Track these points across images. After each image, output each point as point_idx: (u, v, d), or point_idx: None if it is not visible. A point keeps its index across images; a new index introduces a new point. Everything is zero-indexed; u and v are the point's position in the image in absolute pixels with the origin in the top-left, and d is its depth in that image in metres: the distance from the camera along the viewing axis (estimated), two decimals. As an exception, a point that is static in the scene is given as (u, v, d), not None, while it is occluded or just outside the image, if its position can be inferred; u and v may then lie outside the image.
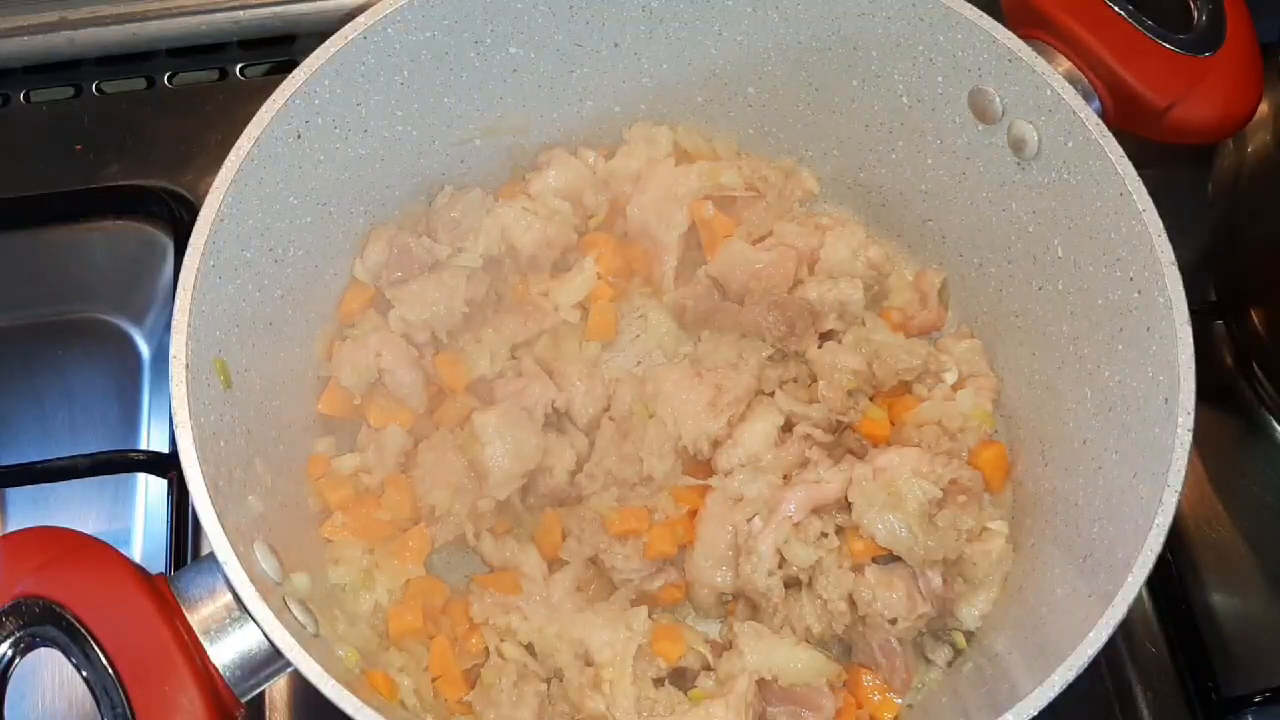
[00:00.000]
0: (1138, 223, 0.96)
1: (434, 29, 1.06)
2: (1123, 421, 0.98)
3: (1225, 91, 1.06)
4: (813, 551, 1.02)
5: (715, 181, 1.19)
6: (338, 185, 1.08)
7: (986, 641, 1.04)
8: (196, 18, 1.41)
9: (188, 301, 0.91)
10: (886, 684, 1.03)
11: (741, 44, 1.15)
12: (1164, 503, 0.88)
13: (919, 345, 1.14)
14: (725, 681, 1.00)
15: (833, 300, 1.14)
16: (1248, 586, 1.19)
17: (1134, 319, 0.97)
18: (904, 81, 1.11)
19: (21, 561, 0.85)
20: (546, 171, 1.18)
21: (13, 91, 1.41)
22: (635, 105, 1.21)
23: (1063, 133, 1.01)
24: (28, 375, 1.34)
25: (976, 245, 1.15)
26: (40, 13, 1.39)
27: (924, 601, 1.02)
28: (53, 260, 1.37)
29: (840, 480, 1.04)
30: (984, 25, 1.03)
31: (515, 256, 1.16)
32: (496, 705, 0.99)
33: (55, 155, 1.36)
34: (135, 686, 0.82)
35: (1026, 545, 1.06)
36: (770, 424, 1.09)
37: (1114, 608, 0.85)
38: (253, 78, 1.42)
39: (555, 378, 1.12)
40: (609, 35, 1.14)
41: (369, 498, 1.07)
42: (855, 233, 1.18)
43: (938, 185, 1.16)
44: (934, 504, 1.03)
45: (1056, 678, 0.83)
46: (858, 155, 1.20)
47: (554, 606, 1.04)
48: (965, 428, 1.10)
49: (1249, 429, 1.27)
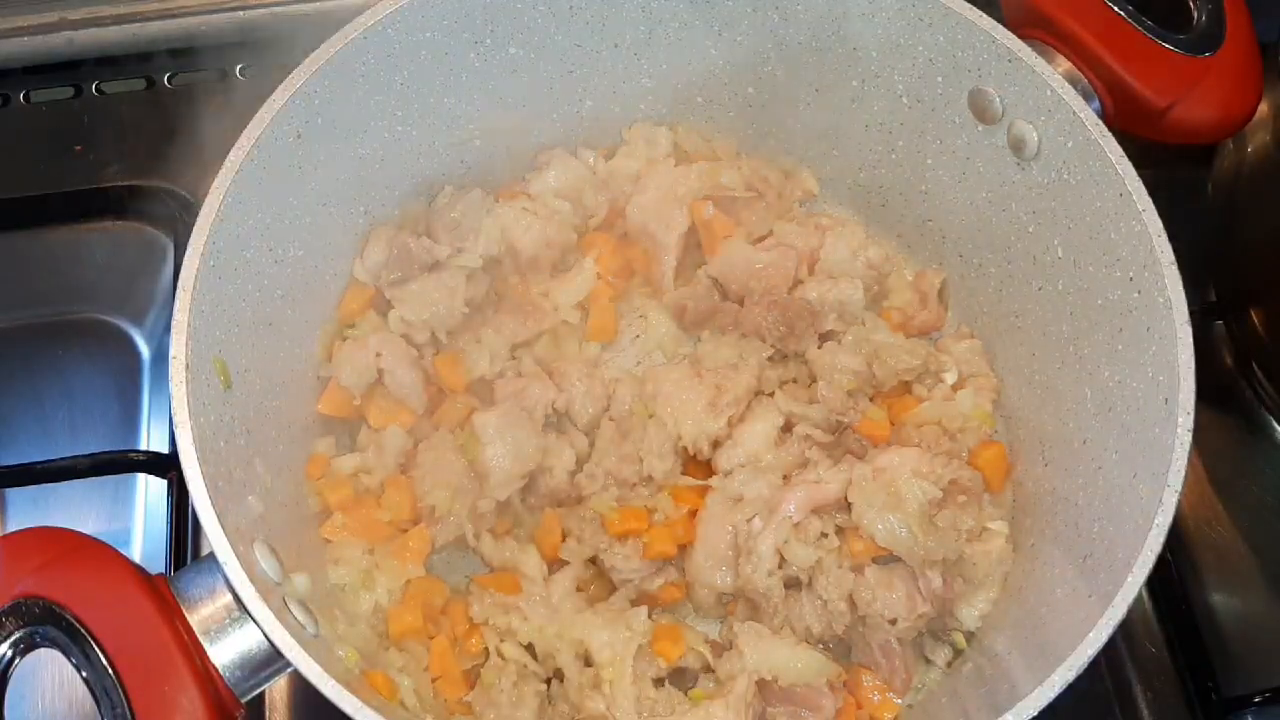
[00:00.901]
0: (1138, 223, 0.96)
1: (434, 29, 1.06)
2: (1123, 421, 0.98)
3: (1225, 91, 1.06)
4: (813, 552, 1.02)
5: (715, 181, 1.19)
6: (338, 185, 1.08)
7: (986, 641, 1.04)
8: (196, 18, 1.41)
9: (188, 301, 0.91)
10: (886, 684, 1.03)
11: (741, 44, 1.15)
12: (1164, 503, 0.88)
13: (919, 345, 1.14)
14: (725, 682, 1.00)
15: (833, 300, 1.14)
16: (1248, 586, 1.19)
17: (1134, 319, 0.97)
18: (904, 81, 1.12)
19: (21, 561, 0.85)
20: (546, 171, 1.19)
21: (13, 91, 1.41)
22: (635, 105, 1.21)
23: (1063, 133, 1.02)
24: (28, 375, 1.34)
25: (976, 245, 1.15)
26: (40, 13, 1.39)
27: (924, 601, 1.02)
28: (53, 260, 1.37)
29: (840, 480, 1.04)
30: (984, 25, 1.03)
31: (515, 256, 1.16)
32: (496, 705, 0.99)
33: (55, 155, 1.37)
34: (135, 687, 0.82)
35: (1026, 545, 1.06)
36: (770, 424, 1.09)
37: (1114, 608, 0.85)
38: (252, 78, 1.42)
39: (555, 378, 1.12)
40: (609, 36, 1.14)
41: (369, 498, 1.07)
42: (855, 233, 1.19)
43: (938, 185, 1.16)
44: (934, 504, 1.03)
45: (1056, 678, 0.83)
46: (858, 155, 1.20)
47: (554, 607, 1.03)
48: (965, 428, 1.10)
49: (1249, 429, 1.27)
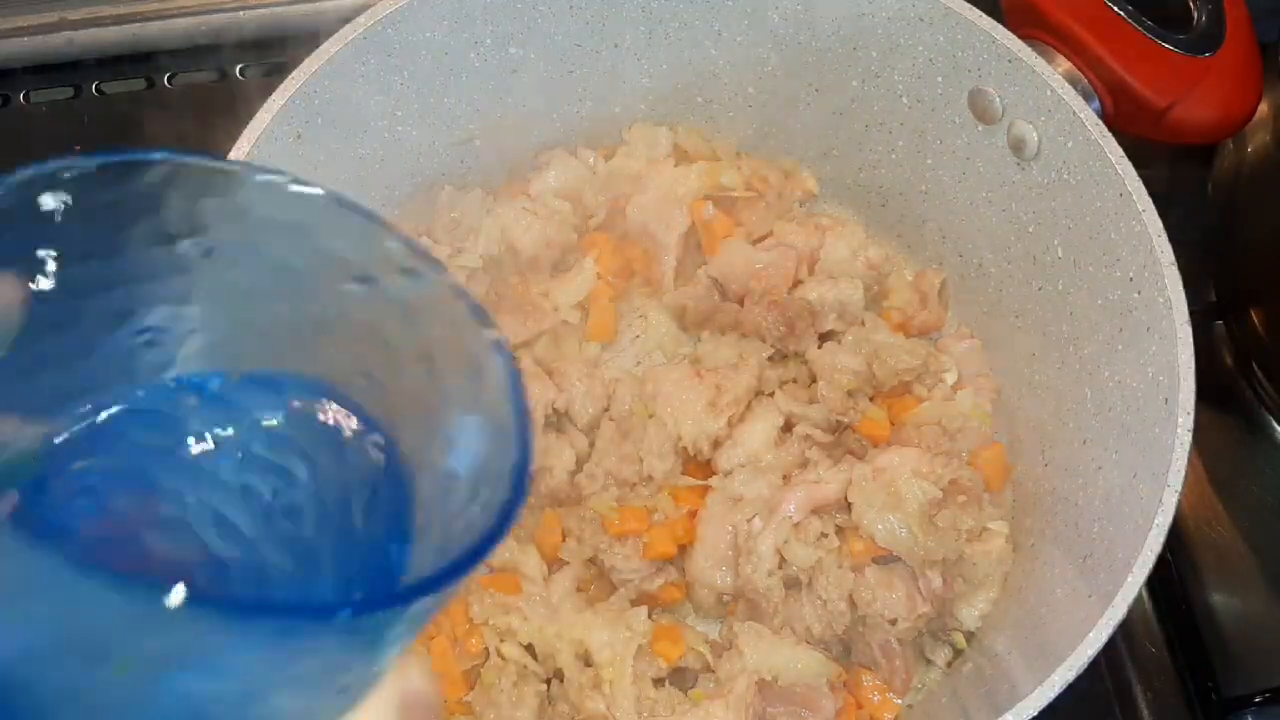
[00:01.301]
0: (1138, 223, 0.96)
1: (434, 29, 1.06)
2: (1123, 421, 0.98)
3: (1225, 91, 1.06)
4: (813, 552, 1.02)
5: (715, 182, 1.19)
6: (338, 185, 1.05)
7: (986, 641, 1.04)
8: (196, 18, 1.41)
9: (188, 302, 0.91)
10: (886, 684, 1.03)
11: (741, 44, 1.15)
12: (1164, 503, 0.88)
13: (919, 345, 1.14)
14: (725, 682, 1.00)
15: (833, 300, 1.14)
16: (1248, 586, 1.19)
17: (1134, 319, 0.97)
18: (904, 81, 1.12)
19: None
20: (546, 171, 1.18)
21: (13, 91, 1.41)
22: (635, 105, 1.21)
23: (1063, 133, 1.02)
24: (28, 376, 1.34)
25: (976, 245, 1.15)
26: (40, 13, 1.39)
27: (924, 601, 1.02)
28: (52, 260, 1.37)
29: (840, 480, 1.04)
30: (984, 25, 1.03)
31: (515, 256, 1.16)
32: (496, 705, 0.99)
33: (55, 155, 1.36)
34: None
35: (1026, 545, 1.06)
36: (770, 424, 1.09)
37: (1114, 608, 0.85)
38: (253, 78, 1.42)
39: (555, 378, 1.12)
40: (609, 35, 1.14)
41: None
42: (855, 233, 1.19)
43: (938, 185, 1.16)
44: (934, 504, 1.03)
45: (1056, 678, 0.83)
46: (858, 155, 1.20)
47: (554, 607, 1.03)
48: (965, 428, 1.10)
49: (1249, 429, 1.27)
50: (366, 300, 0.42)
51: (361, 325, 0.42)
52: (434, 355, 0.42)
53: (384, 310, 0.42)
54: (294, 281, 0.42)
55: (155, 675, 0.34)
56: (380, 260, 0.42)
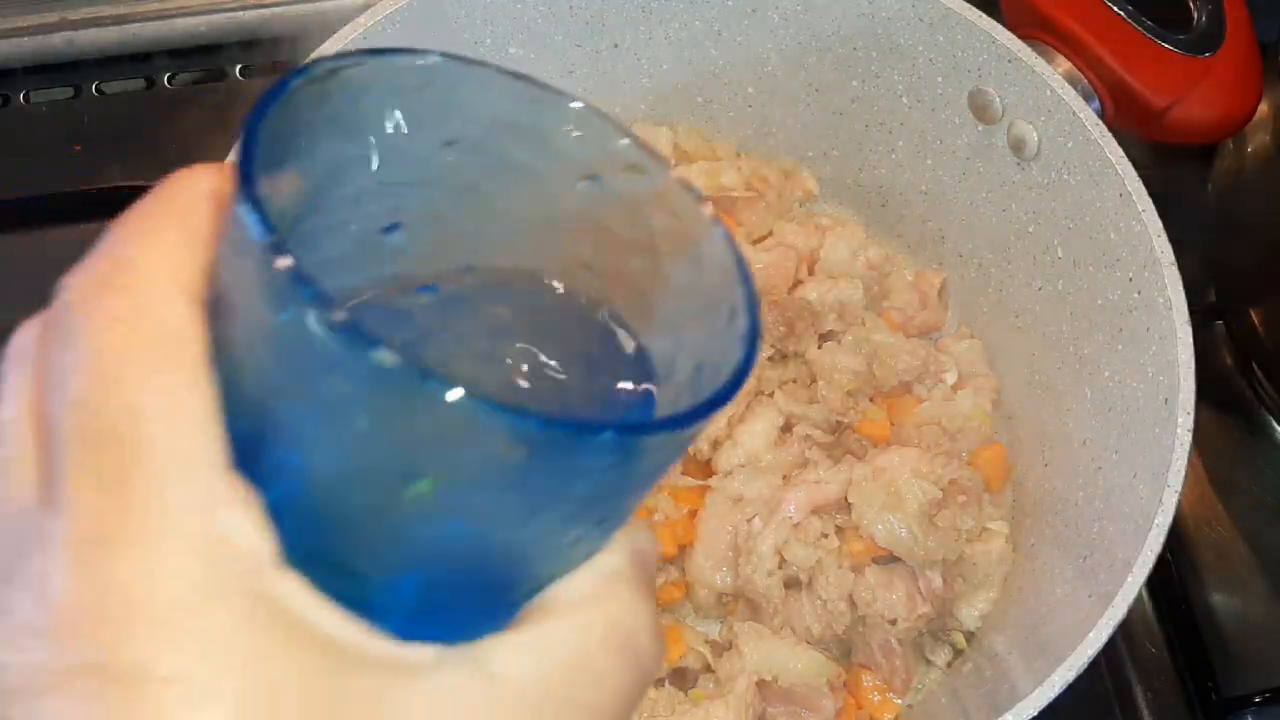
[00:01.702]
0: (1138, 223, 0.96)
1: (434, 29, 1.06)
2: (1123, 421, 0.98)
3: (1225, 91, 1.06)
4: (813, 552, 1.02)
5: (715, 182, 1.19)
6: (338, 185, 1.07)
7: (986, 641, 1.04)
8: (196, 18, 1.41)
9: (188, 302, 0.91)
10: (886, 684, 1.03)
11: (741, 44, 1.15)
12: (1164, 503, 0.88)
13: (919, 345, 1.14)
14: (725, 682, 1.00)
15: (833, 300, 1.14)
16: (1248, 586, 1.19)
17: (1134, 319, 0.97)
18: (904, 82, 1.11)
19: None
20: (546, 172, 1.18)
21: (13, 92, 1.41)
22: (635, 105, 1.21)
23: (1063, 133, 1.01)
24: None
25: (976, 245, 1.15)
26: (40, 13, 1.39)
27: (924, 602, 1.02)
28: (53, 261, 1.36)
29: (840, 480, 1.04)
30: (984, 26, 1.03)
31: (515, 257, 1.16)
32: (496, 705, 0.99)
33: (55, 156, 1.36)
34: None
35: (1026, 545, 1.06)
36: (770, 424, 1.09)
37: (1114, 608, 0.85)
38: (253, 78, 1.42)
39: (555, 378, 1.12)
40: (609, 36, 1.14)
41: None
42: (855, 233, 1.19)
43: (938, 185, 1.16)
44: (934, 504, 1.03)
45: (1056, 678, 0.83)
46: (858, 155, 1.20)
47: (554, 607, 1.03)
48: (965, 428, 1.10)
49: (1249, 429, 1.27)
50: (593, 196, 0.44)
51: (586, 219, 0.44)
52: (657, 244, 0.43)
53: (608, 204, 0.44)
54: (529, 182, 0.44)
55: (455, 495, 0.35)
56: (609, 158, 0.44)
